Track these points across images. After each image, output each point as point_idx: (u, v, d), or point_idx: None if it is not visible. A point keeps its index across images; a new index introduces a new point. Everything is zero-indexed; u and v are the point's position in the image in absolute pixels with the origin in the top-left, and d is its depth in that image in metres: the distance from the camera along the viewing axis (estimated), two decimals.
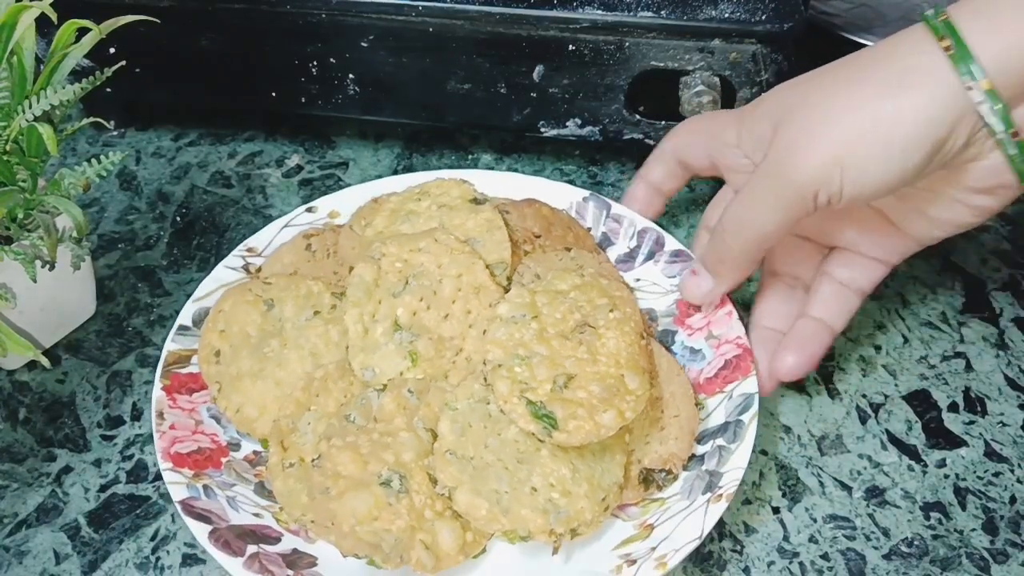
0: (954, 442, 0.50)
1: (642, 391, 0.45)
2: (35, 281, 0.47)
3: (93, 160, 0.50)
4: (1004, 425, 0.51)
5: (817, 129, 0.42)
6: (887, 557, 0.46)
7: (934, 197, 0.45)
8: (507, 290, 0.49)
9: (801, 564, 0.45)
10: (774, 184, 0.44)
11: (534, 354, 0.45)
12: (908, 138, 0.41)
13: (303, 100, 0.61)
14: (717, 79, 0.56)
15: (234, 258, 0.54)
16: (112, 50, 0.56)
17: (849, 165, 0.41)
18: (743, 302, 0.56)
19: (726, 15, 0.54)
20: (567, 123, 0.60)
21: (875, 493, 0.48)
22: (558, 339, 0.46)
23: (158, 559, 0.46)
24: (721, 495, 0.43)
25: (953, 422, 0.51)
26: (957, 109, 0.40)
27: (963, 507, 0.47)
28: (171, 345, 0.50)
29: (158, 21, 0.51)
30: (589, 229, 0.55)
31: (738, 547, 0.46)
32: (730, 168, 0.50)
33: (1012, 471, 0.49)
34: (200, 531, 0.42)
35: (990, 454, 0.49)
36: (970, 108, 0.40)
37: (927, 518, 0.47)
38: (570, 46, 0.56)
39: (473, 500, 0.41)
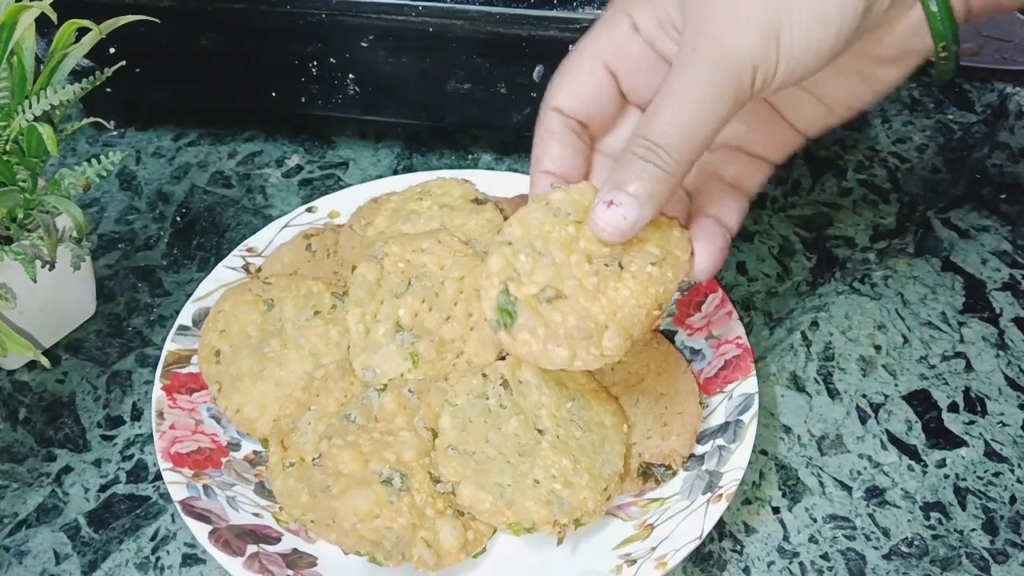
0: (954, 442, 0.50)
1: (612, 353, 0.39)
2: (35, 281, 0.47)
3: (93, 160, 0.50)
4: (1004, 425, 0.51)
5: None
6: (887, 557, 0.46)
7: (833, 75, 0.40)
8: None
9: (801, 564, 0.45)
10: (708, 68, 0.36)
11: (547, 255, 0.40)
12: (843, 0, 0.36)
13: (303, 100, 0.61)
14: None
15: (234, 258, 0.54)
16: (112, 50, 0.56)
17: (785, 36, 0.36)
18: (743, 303, 0.56)
19: None
20: None
21: (875, 493, 0.48)
22: (581, 257, 0.40)
23: (158, 559, 0.46)
24: (721, 495, 0.43)
25: (953, 422, 0.51)
26: None
27: (963, 507, 0.47)
28: (171, 345, 0.50)
29: (158, 21, 0.51)
30: None
31: (738, 547, 0.46)
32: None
33: (1012, 471, 0.49)
34: (200, 531, 0.42)
35: (990, 454, 0.49)
36: None
37: (927, 518, 0.47)
38: (570, 46, 0.56)
39: (477, 494, 0.41)
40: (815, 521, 0.47)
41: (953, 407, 0.52)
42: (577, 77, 0.41)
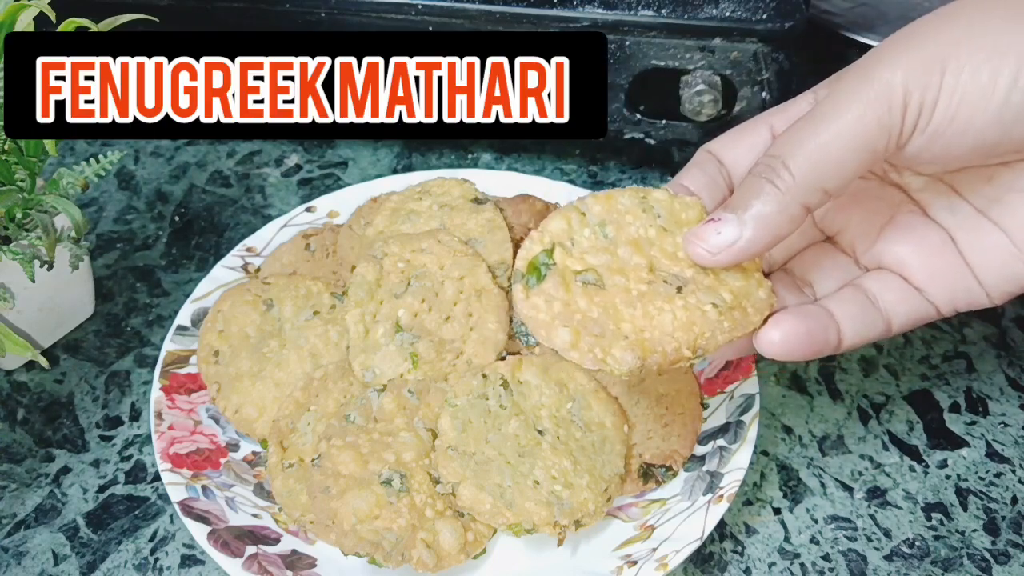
0: (956, 442, 0.50)
1: (614, 365, 0.35)
2: (33, 281, 0.47)
3: (91, 159, 0.50)
4: (1006, 425, 0.51)
5: (918, 30, 0.33)
6: (888, 558, 0.45)
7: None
8: (508, 292, 0.49)
9: (802, 565, 0.45)
10: (855, 86, 0.33)
11: (613, 243, 0.36)
12: None
13: None
14: (718, 78, 0.55)
15: (233, 258, 0.54)
16: None
17: (951, 70, 0.32)
18: None
19: (727, 14, 0.54)
20: None
21: (876, 494, 0.48)
22: (645, 262, 0.36)
23: (157, 560, 0.45)
24: (722, 496, 0.43)
25: (955, 422, 0.51)
26: None
27: (964, 508, 0.47)
28: (170, 345, 0.49)
29: (157, 20, 0.51)
30: None
31: (739, 548, 0.46)
32: None
33: (1014, 471, 0.49)
34: (199, 532, 0.42)
35: (992, 454, 0.49)
36: None
37: (928, 519, 0.47)
38: None
39: (477, 495, 0.41)
40: (816, 522, 0.47)
41: (955, 407, 0.51)
42: (741, 132, 0.39)
